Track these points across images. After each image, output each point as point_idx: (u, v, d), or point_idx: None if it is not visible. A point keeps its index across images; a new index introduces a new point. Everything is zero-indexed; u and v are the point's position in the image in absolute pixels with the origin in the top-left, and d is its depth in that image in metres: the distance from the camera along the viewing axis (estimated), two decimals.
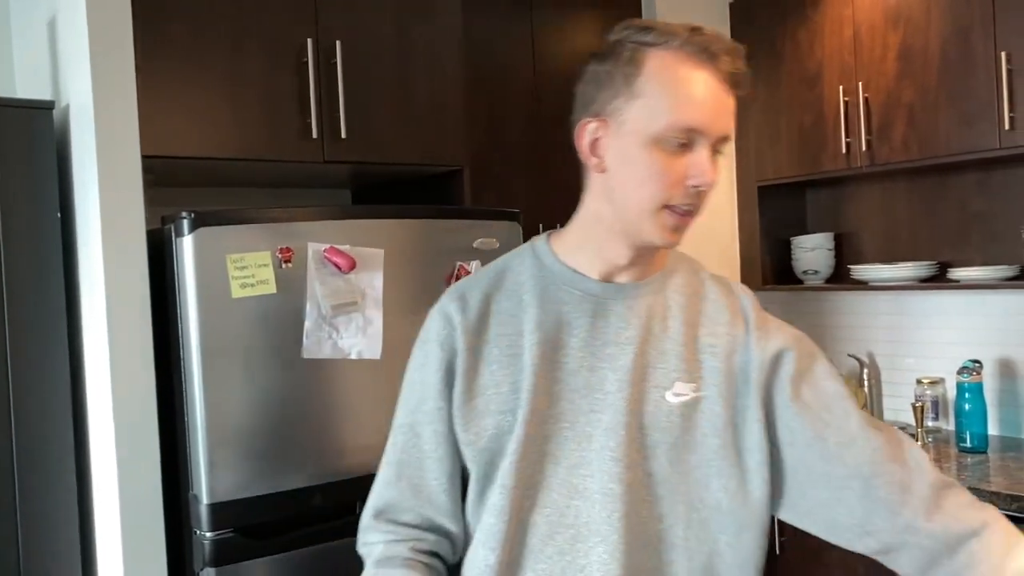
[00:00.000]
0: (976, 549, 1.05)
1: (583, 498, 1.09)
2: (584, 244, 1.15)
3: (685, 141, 1.04)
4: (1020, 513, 2.25)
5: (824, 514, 1.12)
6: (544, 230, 1.28)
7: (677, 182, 1.04)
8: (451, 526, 1.17)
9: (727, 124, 1.06)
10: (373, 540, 1.19)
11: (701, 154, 1.04)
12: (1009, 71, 2.52)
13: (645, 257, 1.14)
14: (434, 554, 1.18)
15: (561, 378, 1.11)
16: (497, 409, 1.11)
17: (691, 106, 1.03)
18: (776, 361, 1.12)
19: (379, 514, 1.19)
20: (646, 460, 1.09)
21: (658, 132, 1.03)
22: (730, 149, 3.39)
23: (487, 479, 1.12)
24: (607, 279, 1.14)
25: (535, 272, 1.16)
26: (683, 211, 1.06)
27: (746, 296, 1.20)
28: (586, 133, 1.09)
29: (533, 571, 1.09)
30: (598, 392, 1.10)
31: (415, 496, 1.16)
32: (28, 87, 2.42)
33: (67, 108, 2.08)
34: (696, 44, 1.04)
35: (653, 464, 1.09)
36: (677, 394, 1.10)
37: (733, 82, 1.06)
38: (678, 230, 1.08)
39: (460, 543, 1.18)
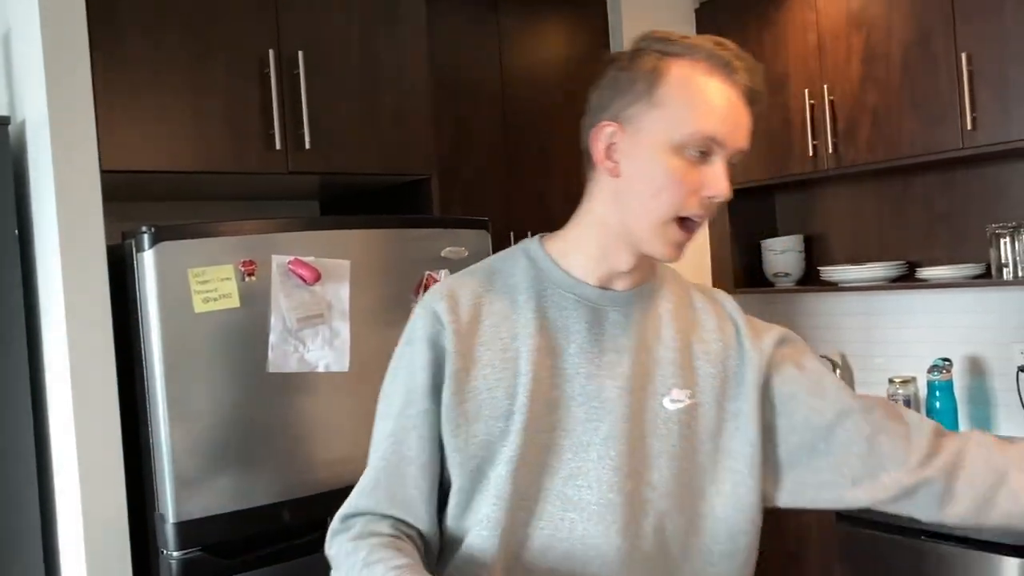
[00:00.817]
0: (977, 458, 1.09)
1: (578, 510, 1.06)
2: (584, 248, 1.12)
3: (705, 150, 1.04)
4: None
5: (834, 484, 1.12)
6: (514, 237, 1.25)
7: (693, 192, 1.05)
8: (428, 536, 1.10)
9: (745, 138, 1.07)
10: (343, 536, 1.09)
11: (717, 165, 1.05)
12: (970, 72, 2.55)
13: (643, 265, 1.13)
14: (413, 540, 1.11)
15: (559, 384, 1.08)
16: (489, 415, 1.07)
17: (714, 116, 1.03)
18: (772, 355, 1.13)
19: (348, 518, 1.11)
20: (647, 470, 1.07)
21: (679, 141, 1.03)
22: None
23: (474, 490, 1.08)
24: (604, 285, 1.12)
25: (530, 274, 1.13)
26: (693, 223, 1.07)
27: (729, 301, 1.20)
28: (603, 136, 1.08)
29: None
30: (595, 400, 1.08)
31: (391, 505, 1.08)
32: None
33: (23, 123, 2.04)
34: (720, 57, 1.05)
35: (653, 474, 1.07)
36: (674, 400, 1.09)
37: (752, 98, 1.07)
38: (680, 246, 1.08)
39: (432, 555, 1.12)
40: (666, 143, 1.04)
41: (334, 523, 1.13)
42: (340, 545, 1.08)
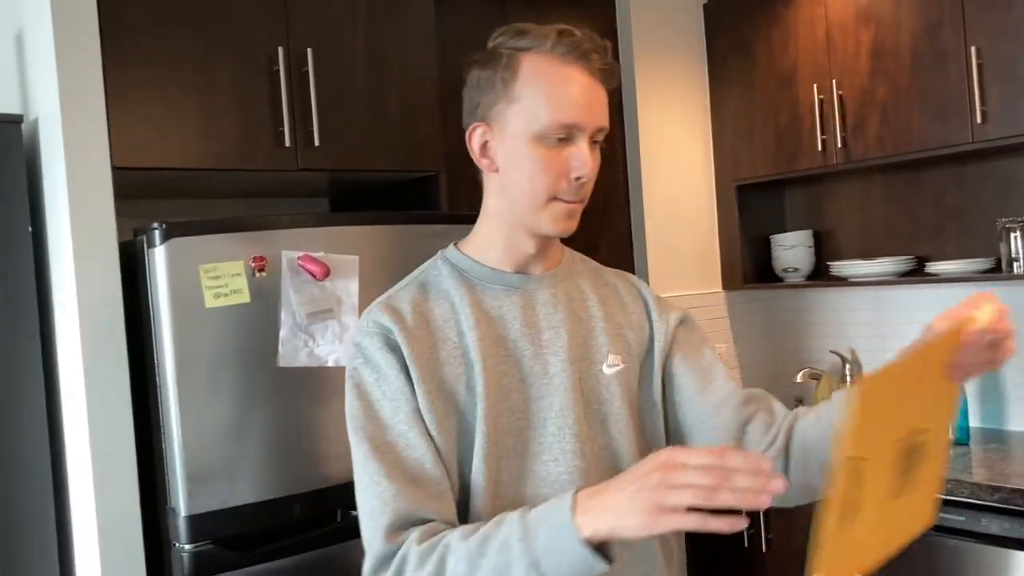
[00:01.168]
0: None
1: (550, 484, 1.11)
2: (494, 242, 1.20)
3: (564, 136, 1.11)
4: (1002, 504, 2.26)
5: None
6: None
7: (561, 175, 1.12)
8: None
9: (602, 116, 1.13)
10: (406, 551, 1.01)
11: (581, 147, 1.12)
12: (979, 65, 2.54)
13: (548, 247, 1.21)
14: None
15: (508, 370, 1.15)
16: (456, 410, 1.12)
17: (567, 104, 1.10)
18: (676, 331, 1.26)
19: (394, 531, 1.03)
20: (600, 434, 1.16)
21: (539, 131, 1.11)
22: (707, 149, 3.41)
23: (461, 486, 1.11)
24: (522, 271, 1.21)
25: (456, 277, 1.20)
26: (574, 201, 1.14)
27: (640, 281, 1.33)
28: (476, 137, 1.17)
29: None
30: (543, 378, 1.15)
31: (425, 506, 1.05)
32: None
33: (36, 121, 2.06)
34: (566, 45, 1.12)
35: (605, 436, 1.16)
36: (611, 366, 1.19)
37: (604, 77, 1.14)
38: (571, 216, 1.15)
39: None
40: (528, 134, 1.11)
41: (375, 554, 1.03)
42: (407, 557, 1.00)
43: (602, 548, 0.90)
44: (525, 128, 1.11)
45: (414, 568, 0.98)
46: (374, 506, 1.05)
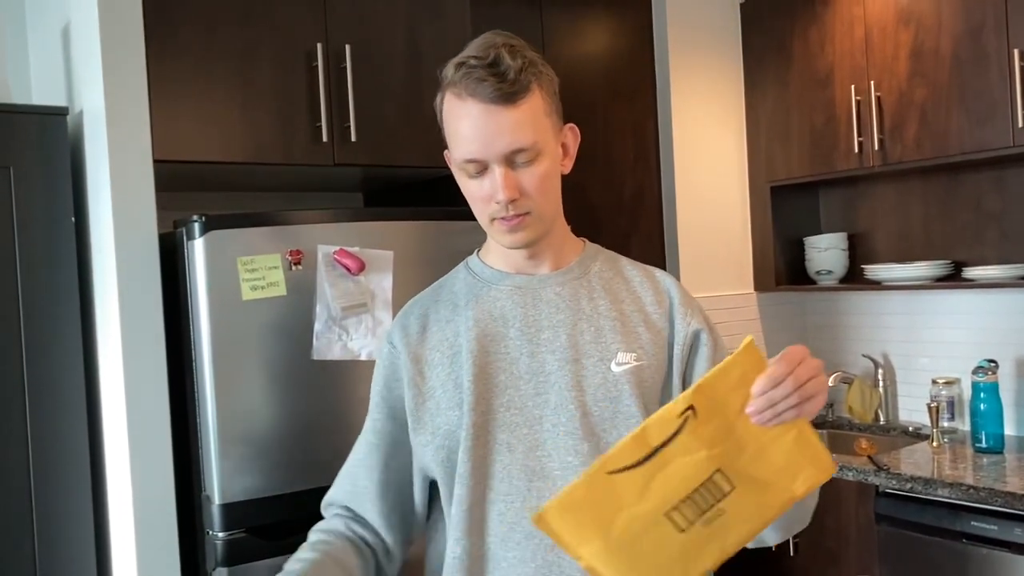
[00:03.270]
0: None
1: (542, 478, 1.16)
2: (495, 249, 1.27)
3: (478, 168, 1.15)
4: None
5: None
6: None
7: (487, 200, 1.17)
8: (382, 532, 1.28)
9: (506, 142, 1.13)
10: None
11: (494, 174, 1.15)
12: (1022, 68, 2.51)
13: (544, 250, 1.25)
14: (365, 541, 1.28)
15: (504, 367, 1.20)
16: (447, 407, 1.20)
17: (463, 142, 1.14)
18: (696, 338, 1.25)
19: (326, 507, 1.35)
20: (604, 431, 1.17)
21: (459, 166, 1.18)
22: (741, 149, 3.39)
23: (451, 476, 1.19)
24: (525, 273, 1.26)
25: (468, 280, 1.28)
26: (510, 219, 1.17)
27: (668, 278, 1.31)
28: (448, 163, 1.24)
29: (504, 559, 1.14)
30: (540, 375, 1.19)
31: (348, 497, 1.31)
32: (43, 93, 2.46)
33: (81, 114, 2.10)
34: (462, 77, 1.13)
35: (612, 434, 1.17)
36: (620, 363, 1.20)
37: (505, 100, 1.12)
38: (514, 231, 1.18)
39: (391, 555, 1.29)
40: (456, 169, 1.19)
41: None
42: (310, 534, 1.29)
43: None
44: (454, 163, 1.19)
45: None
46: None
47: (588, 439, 1.16)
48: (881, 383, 3.24)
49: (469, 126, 1.13)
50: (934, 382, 3.00)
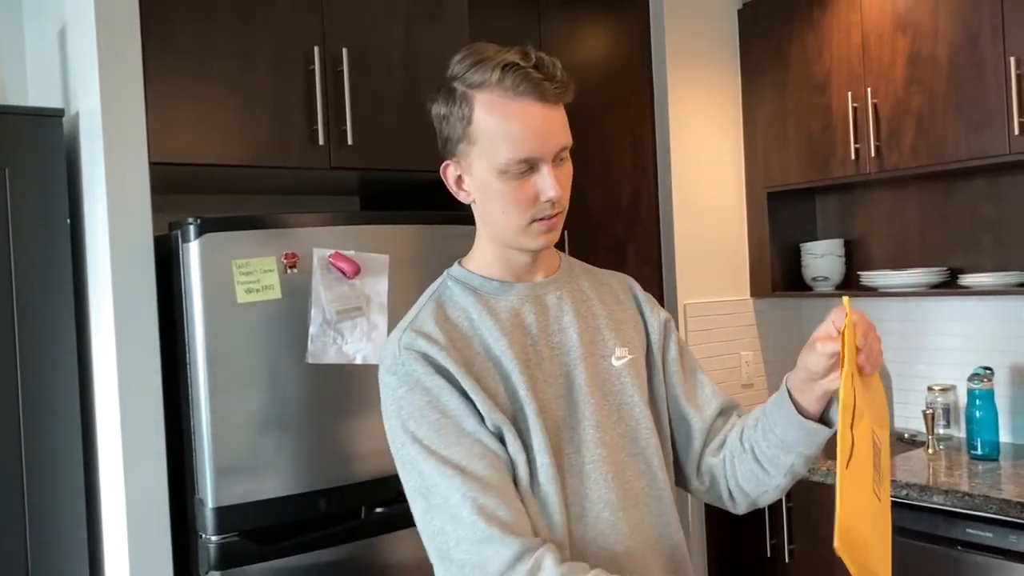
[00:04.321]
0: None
1: (574, 474, 1.19)
2: (493, 258, 1.26)
3: (527, 167, 1.15)
4: None
5: (683, 448, 1.34)
6: None
7: (531, 202, 1.17)
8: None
9: (560, 139, 1.17)
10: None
11: (544, 172, 1.16)
12: (1018, 76, 2.51)
13: (543, 256, 1.28)
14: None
15: (538, 375, 1.21)
16: (501, 419, 1.16)
17: (522, 140, 1.14)
18: (666, 327, 1.36)
19: (510, 532, 1.09)
20: (617, 423, 1.24)
21: (501, 167, 1.15)
22: (738, 155, 3.39)
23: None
24: (525, 280, 1.27)
25: (468, 294, 1.25)
26: (548, 218, 1.18)
27: (626, 277, 1.40)
28: (449, 173, 1.23)
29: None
30: (561, 377, 1.23)
31: (520, 512, 1.12)
32: (39, 95, 2.45)
33: (77, 116, 2.10)
34: (514, 78, 1.13)
35: (622, 425, 1.25)
36: (619, 358, 1.27)
37: (556, 99, 1.16)
38: (551, 230, 1.20)
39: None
40: (492, 171, 1.16)
41: (511, 548, 1.08)
42: (547, 562, 1.07)
43: None
44: (488, 165, 1.16)
45: None
46: (463, 516, 1.09)
47: (608, 431, 1.22)
48: None
49: (526, 125, 1.13)
50: (930, 389, 3.00)
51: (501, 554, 1.06)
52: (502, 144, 1.14)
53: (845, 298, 1.12)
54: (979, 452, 2.70)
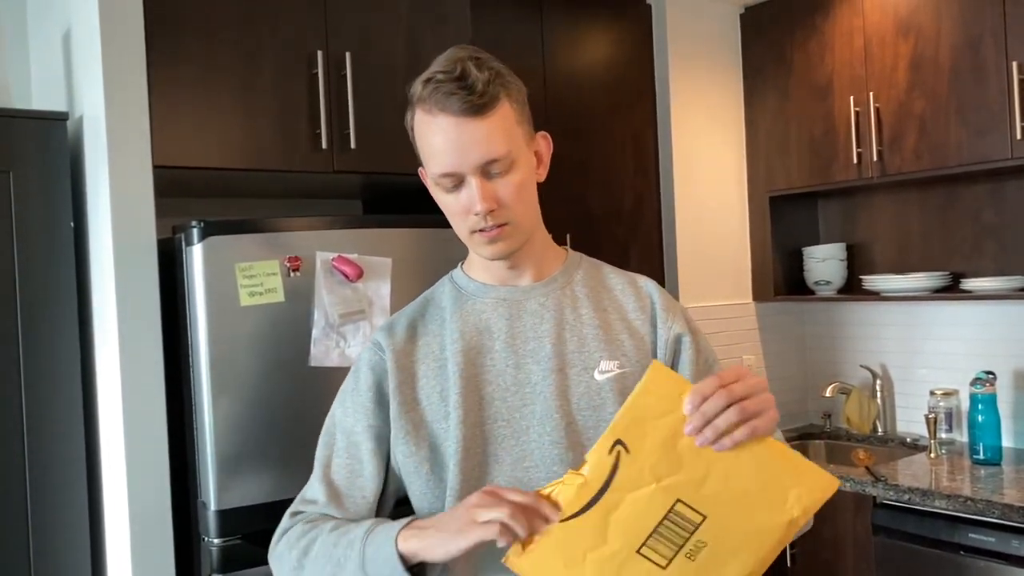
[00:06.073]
0: None
1: (532, 489, 1.13)
2: (478, 262, 1.28)
3: (453, 182, 1.16)
4: None
5: None
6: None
7: (465, 214, 1.17)
8: None
9: (479, 153, 1.13)
10: (297, 526, 1.23)
11: (470, 186, 1.15)
12: (1021, 81, 2.52)
13: (525, 261, 1.25)
14: None
15: (490, 380, 1.20)
16: (432, 419, 1.20)
17: (436, 155, 1.15)
18: (678, 342, 1.25)
19: (294, 515, 1.26)
20: (587, 441, 1.16)
21: (433, 181, 1.18)
22: (741, 159, 3.40)
23: (433, 490, 1.18)
24: (508, 284, 1.26)
25: (453, 294, 1.28)
26: (489, 230, 1.17)
27: (649, 283, 1.31)
28: (424, 179, 1.24)
29: (492, 570, 1.11)
30: (526, 386, 1.20)
31: (340, 511, 1.22)
32: (44, 98, 2.46)
33: (81, 119, 2.11)
34: (430, 93, 1.14)
35: (592, 444, 1.16)
36: (603, 372, 1.20)
37: (473, 112, 1.12)
38: (494, 242, 1.18)
39: None
40: (432, 184, 1.19)
41: (282, 524, 1.25)
42: (293, 530, 1.21)
43: (419, 569, 1.06)
44: (429, 178, 1.20)
45: (295, 539, 1.19)
46: (304, 489, 1.27)
47: (573, 448, 1.16)
48: (879, 394, 3.24)
49: (442, 140, 1.13)
50: (932, 393, 3.00)
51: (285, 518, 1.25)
52: (428, 158, 1.17)
53: (652, 361, 1.03)
54: (981, 457, 2.70)
